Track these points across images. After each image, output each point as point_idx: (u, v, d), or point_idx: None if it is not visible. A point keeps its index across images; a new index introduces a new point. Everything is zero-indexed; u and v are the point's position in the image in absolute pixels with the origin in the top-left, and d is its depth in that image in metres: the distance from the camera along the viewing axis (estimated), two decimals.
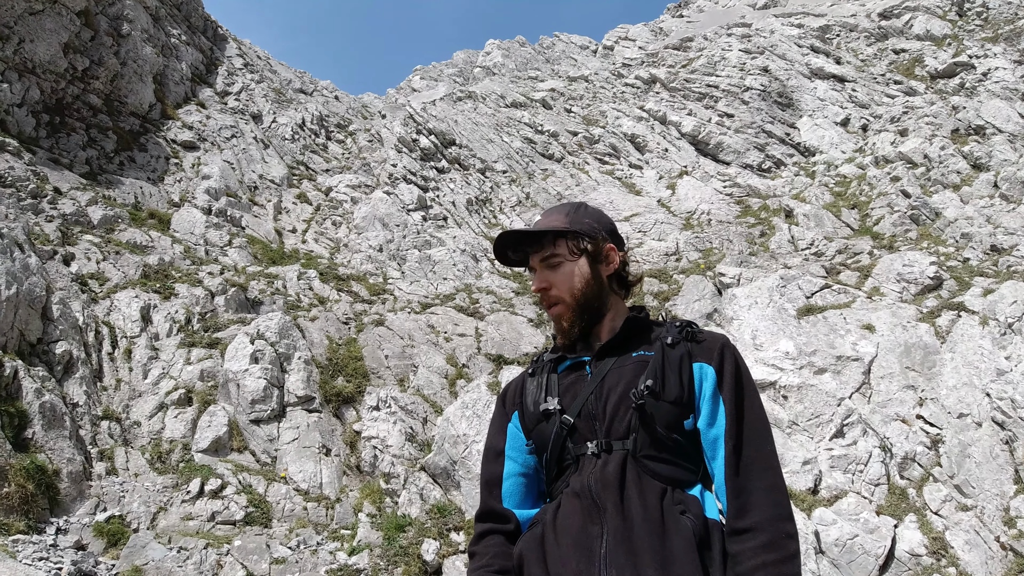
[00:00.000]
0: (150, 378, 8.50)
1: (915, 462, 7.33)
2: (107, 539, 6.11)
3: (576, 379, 1.90)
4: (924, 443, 7.43)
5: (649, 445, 1.75)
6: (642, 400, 1.75)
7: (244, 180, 16.02)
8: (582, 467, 1.81)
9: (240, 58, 18.93)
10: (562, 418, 1.85)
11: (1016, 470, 6.79)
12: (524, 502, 1.94)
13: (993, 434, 7.15)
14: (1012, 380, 7.45)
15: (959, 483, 6.90)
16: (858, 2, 20.40)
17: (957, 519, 6.62)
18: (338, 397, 9.84)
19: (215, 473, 7.76)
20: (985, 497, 6.69)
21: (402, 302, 13.54)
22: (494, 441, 2.05)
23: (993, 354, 7.83)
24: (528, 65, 28.23)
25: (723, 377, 1.80)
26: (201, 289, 10.61)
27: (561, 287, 1.91)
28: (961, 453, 7.13)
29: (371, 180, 19.90)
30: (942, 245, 10.71)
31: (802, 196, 14.75)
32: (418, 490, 7.98)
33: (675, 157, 19.90)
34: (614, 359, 1.88)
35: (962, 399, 7.61)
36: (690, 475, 1.77)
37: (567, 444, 1.85)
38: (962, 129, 12.97)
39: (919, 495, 7.08)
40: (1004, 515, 6.49)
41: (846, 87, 17.77)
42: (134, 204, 11.36)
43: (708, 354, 1.82)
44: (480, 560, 1.90)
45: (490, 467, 2.02)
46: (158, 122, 13.92)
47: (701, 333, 1.87)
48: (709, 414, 1.78)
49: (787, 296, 9.70)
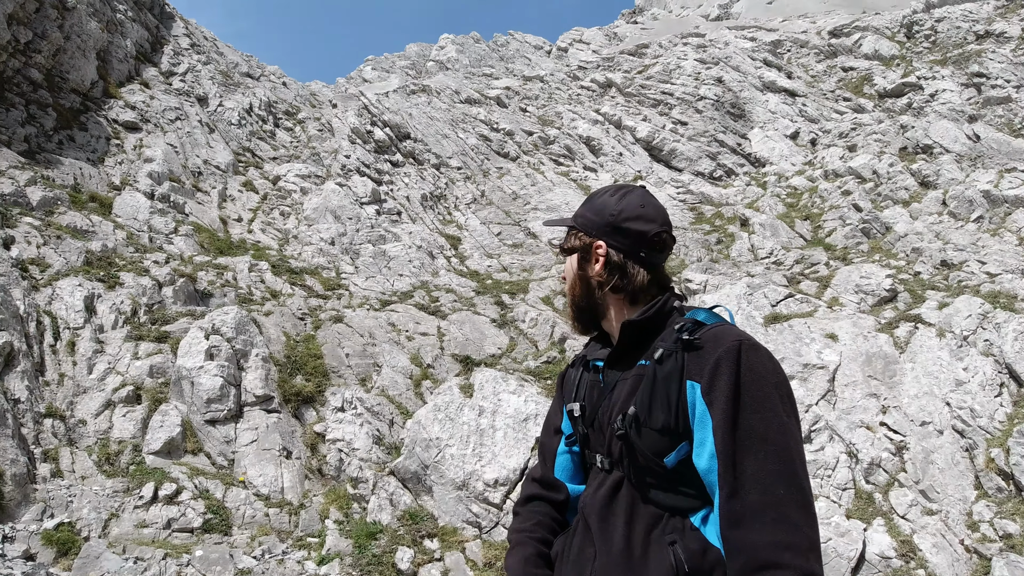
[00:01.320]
0: (95, 373, 7.90)
1: (881, 468, 7.54)
2: (57, 548, 5.60)
3: (593, 383, 1.84)
4: (889, 449, 7.65)
5: (641, 473, 1.63)
6: (622, 431, 1.62)
7: (188, 165, 15.23)
8: (591, 479, 1.81)
9: (187, 38, 18.00)
10: (580, 426, 1.83)
11: (977, 476, 7.07)
12: (576, 477, 1.94)
13: (954, 442, 7.42)
14: (970, 391, 7.76)
15: (924, 488, 7.13)
16: (809, 19, 21.11)
17: (924, 523, 6.83)
18: (297, 397, 9.40)
19: (169, 477, 7.27)
20: (949, 502, 6.93)
21: (359, 298, 13.14)
22: (553, 417, 2.03)
23: (951, 365, 8.14)
24: (482, 62, 28.00)
25: (712, 401, 1.51)
26: (148, 279, 9.97)
27: (567, 281, 1.92)
28: (925, 459, 7.37)
29: (321, 171, 19.28)
30: (893, 259, 11.11)
31: (756, 206, 15.09)
32: (388, 495, 7.69)
33: (629, 162, 20.09)
34: (622, 367, 1.77)
35: (924, 408, 7.88)
36: (693, 501, 1.59)
37: (585, 451, 1.85)
38: (910, 147, 13.54)
39: (885, 499, 7.27)
40: (967, 519, 6.73)
41: (797, 101, 18.32)
42: (73, 186, 10.55)
43: (701, 367, 1.55)
44: (523, 522, 1.91)
45: (547, 438, 2.02)
46: (100, 100, 13.01)
47: (700, 340, 1.58)
48: (701, 447, 1.54)
49: (754, 304, 9.86)
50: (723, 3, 24.36)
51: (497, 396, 8.49)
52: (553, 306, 12.67)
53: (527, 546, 1.84)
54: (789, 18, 21.76)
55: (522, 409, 8.34)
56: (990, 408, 7.41)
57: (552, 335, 11.19)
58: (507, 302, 12.85)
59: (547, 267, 15.49)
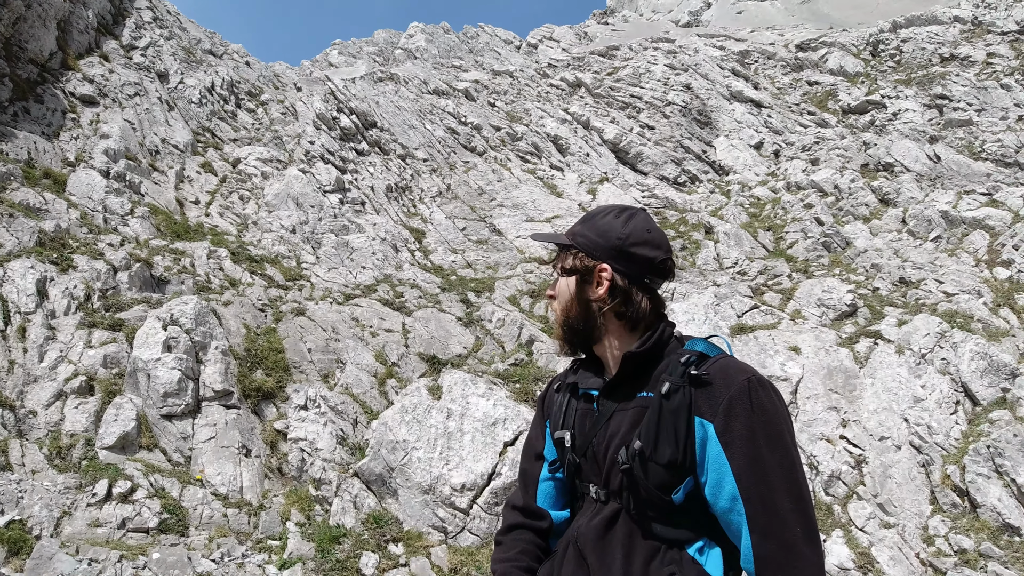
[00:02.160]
0: (47, 361, 7.51)
1: (840, 480, 7.72)
2: (8, 547, 5.29)
3: (586, 412, 1.81)
4: (848, 463, 7.84)
5: (642, 505, 1.63)
6: (627, 465, 1.61)
7: (145, 143, 14.64)
8: (586, 508, 1.78)
9: (150, 11, 17.26)
10: (570, 455, 1.79)
11: (932, 491, 7.30)
12: (558, 503, 1.91)
13: (911, 457, 7.65)
14: (928, 408, 8.01)
15: (882, 502, 7.33)
16: (777, 32, 21.50)
17: (881, 535, 7.02)
18: (257, 392, 9.13)
19: (123, 474, 6.97)
20: (906, 516, 7.14)
21: (321, 290, 12.85)
22: (534, 441, 1.99)
23: (910, 382, 8.39)
24: (451, 53, 27.70)
25: (730, 442, 1.52)
26: (102, 262, 9.54)
27: (559, 300, 1.84)
28: (883, 474, 7.58)
29: (284, 155, 18.78)
30: (853, 273, 11.39)
31: (720, 214, 15.31)
32: (351, 498, 7.52)
33: (596, 163, 20.16)
34: (619, 397, 1.75)
35: (882, 423, 8.10)
36: (690, 533, 1.61)
37: (575, 480, 1.81)
38: (872, 164, 13.92)
39: (844, 512, 7.46)
40: (923, 533, 6.95)
41: (762, 112, 18.66)
42: (27, 161, 9.99)
43: (712, 407, 1.55)
44: (506, 551, 1.87)
45: (528, 464, 1.98)
46: (57, 72, 12.36)
47: (709, 375, 1.58)
48: (715, 485, 1.55)
49: (720, 314, 9.99)
50: (694, 10, 24.64)
51: (466, 399, 8.39)
52: (520, 307, 12.61)
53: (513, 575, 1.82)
54: (758, 29, 22.13)
55: (491, 413, 8.26)
56: (946, 425, 7.66)
57: (520, 336, 11.14)
58: (473, 300, 12.74)
59: (512, 265, 15.41)
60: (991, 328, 9.07)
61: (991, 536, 6.44)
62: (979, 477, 6.89)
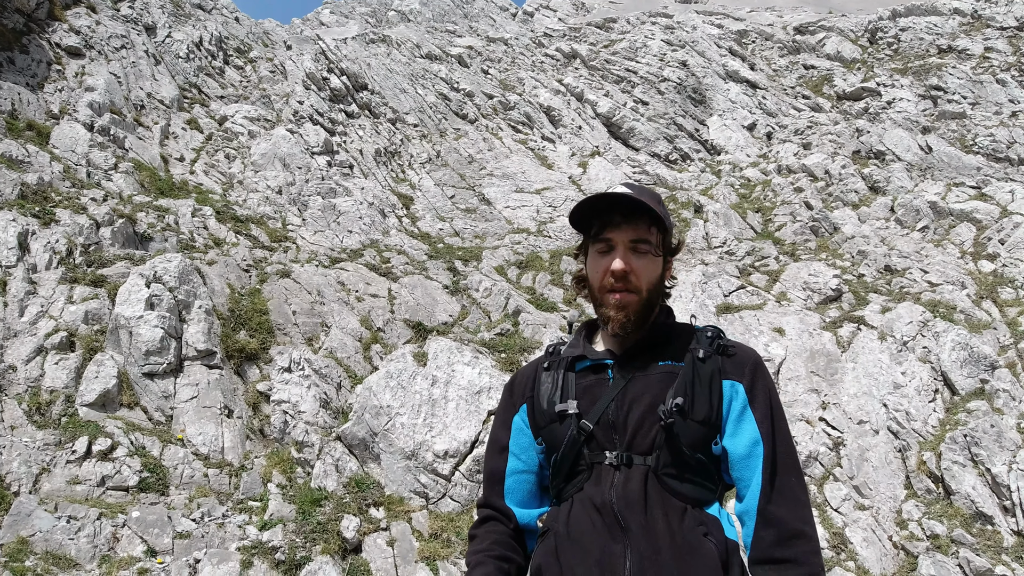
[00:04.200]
0: (27, 316, 7.38)
1: (817, 461, 7.84)
2: None
3: (596, 382, 1.81)
4: (826, 444, 7.96)
5: (672, 464, 1.70)
6: (671, 419, 1.67)
7: (130, 97, 14.28)
8: (599, 478, 1.73)
9: None
10: (580, 423, 1.76)
11: (908, 476, 7.45)
12: (527, 500, 1.90)
13: (889, 442, 7.79)
14: (907, 394, 8.13)
15: (858, 484, 7.46)
16: (776, 13, 21.32)
17: (855, 517, 7.16)
18: (240, 353, 9.06)
19: (104, 431, 6.91)
20: (880, 499, 7.29)
21: (306, 252, 12.73)
22: (498, 435, 1.98)
23: (891, 368, 8.51)
24: (446, 17, 27.21)
25: (755, 397, 1.75)
26: (85, 217, 9.35)
27: (641, 277, 1.79)
28: (860, 457, 7.71)
29: (271, 115, 18.42)
30: (839, 259, 11.46)
31: (711, 193, 15.29)
32: (334, 461, 7.53)
33: (588, 136, 20.00)
34: (638, 366, 1.79)
35: (862, 407, 8.22)
36: (709, 494, 1.73)
37: (583, 450, 1.76)
38: (863, 152, 13.94)
39: (820, 492, 7.59)
40: (897, 516, 7.10)
41: (757, 93, 18.57)
42: (10, 112, 9.70)
43: (739, 371, 1.78)
44: (480, 543, 1.86)
45: (493, 461, 1.96)
46: (43, 22, 11.95)
47: (732, 346, 1.82)
48: (738, 435, 1.73)
49: (708, 293, 10.03)
50: None
51: (451, 366, 8.39)
52: (507, 277, 12.58)
53: (486, 565, 1.80)
54: (757, 9, 21.93)
55: (476, 381, 8.27)
56: (924, 412, 7.79)
57: (506, 307, 11.12)
58: (460, 269, 12.68)
59: (500, 236, 15.32)
60: (973, 320, 9.19)
61: (964, 523, 6.59)
62: (955, 465, 7.03)
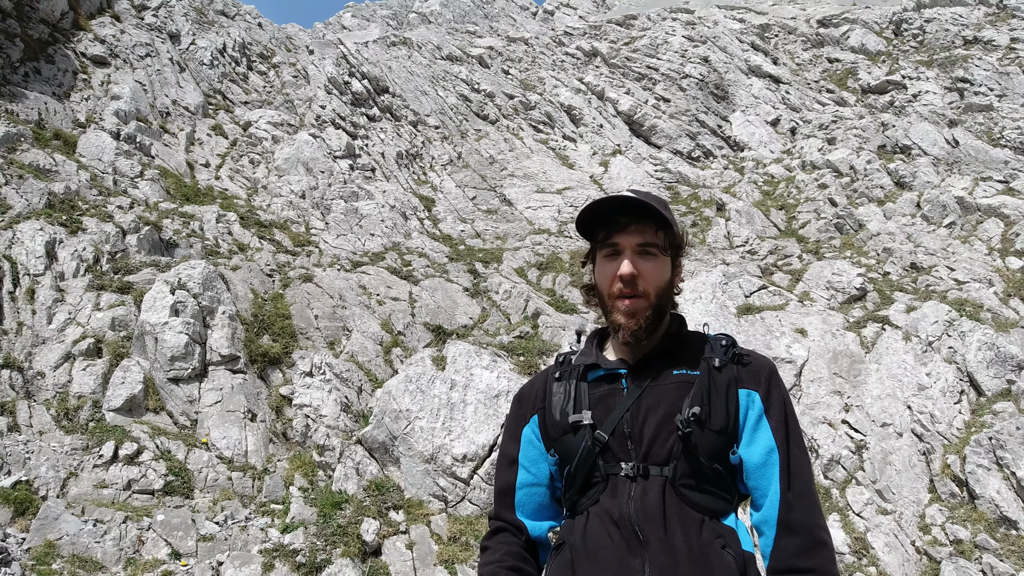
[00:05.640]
0: (55, 323, 7.58)
1: (840, 464, 7.74)
2: (14, 507, 5.41)
3: (609, 392, 1.79)
4: (849, 447, 7.85)
5: (689, 474, 1.68)
6: (688, 428, 1.66)
7: (156, 105, 14.56)
8: (615, 490, 1.71)
9: None
10: (595, 434, 1.73)
11: (931, 480, 7.31)
12: (538, 513, 1.89)
13: (912, 445, 7.65)
14: (932, 396, 7.98)
15: (880, 488, 7.35)
16: (799, 5, 20.99)
17: (877, 522, 7.06)
18: (264, 358, 9.20)
19: (130, 436, 7.07)
20: (903, 503, 7.17)
21: (329, 256, 12.87)
22: (507, 448, 1.96)
23: (915, 369, 8.36)
24: (466, 18, 27.27)
25: (770, 406, 1.74)
26: (112, 225, 9.56)
27: (650, 281, 1.77)
28: (883, 460, 7.60)
29: (294, 119, 18.65)
30: (864, 256, 11.28)
31: (733, 191, 15.14)
32: (354, 464, 7.62)
33: (609, 134, 19.92)
34: (652, 375, 1.77)
35: (885, 409, 8.09)
36: (725, 504, 1.72)
37: (598, 462, 1.74)
38: (889, 146, 13.69)
39: (842, 496, 7.49)
40: (920, 521, 6.98)
41: (780, 88, 18.32)
42: (37, 122, 9.97)
43: (755, 380, 1.76)
44: (492, 555, 1.85)
45: (503, 475, 1.94)
46: (69, 32, 12.25)
47: (747, 356, 1.80)
48: (754, 444, 1.72)
49: (728, 293, 9.94)
50: None
51: (470, 370, 8.43)
52: (527, 279, 12.60)
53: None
54: (779, 2, 21.62)
55: (494, 385, 8.31)
56: (949, 415, 7.64)
57: (526, 309, 11.14)
58: (480, 271, 12.73)
59: (521, 237, 15.34)
60: (1000, 318, 8.99)
61: (988, 528, 6.46)
62: (979, 468, 6.89)
